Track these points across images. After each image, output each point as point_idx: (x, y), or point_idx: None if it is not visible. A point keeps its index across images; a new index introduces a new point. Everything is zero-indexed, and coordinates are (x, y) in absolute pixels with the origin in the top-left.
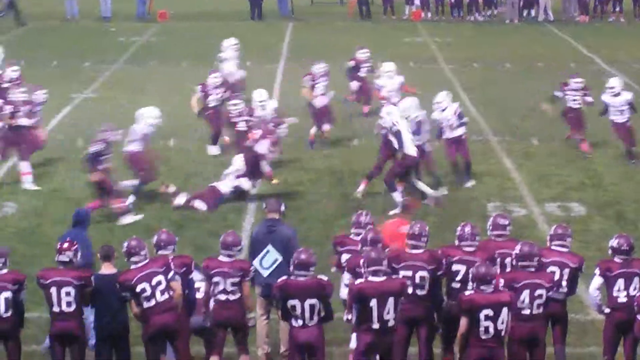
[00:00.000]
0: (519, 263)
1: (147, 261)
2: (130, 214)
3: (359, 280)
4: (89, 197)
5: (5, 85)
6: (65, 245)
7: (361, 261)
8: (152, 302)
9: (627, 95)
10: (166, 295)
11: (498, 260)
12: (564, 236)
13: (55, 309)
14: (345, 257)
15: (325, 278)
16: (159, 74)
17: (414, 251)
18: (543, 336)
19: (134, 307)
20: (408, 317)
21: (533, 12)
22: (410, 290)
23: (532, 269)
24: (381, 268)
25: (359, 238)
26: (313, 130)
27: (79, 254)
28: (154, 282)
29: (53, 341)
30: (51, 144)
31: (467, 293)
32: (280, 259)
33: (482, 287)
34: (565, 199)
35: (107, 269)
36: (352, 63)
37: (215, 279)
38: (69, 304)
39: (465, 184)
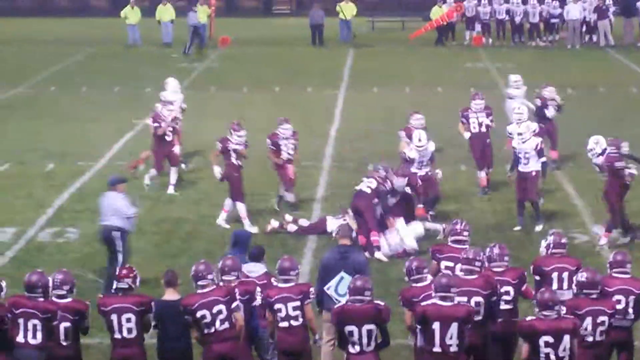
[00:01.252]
0: (583, 290)
1: (212, 288)
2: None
3: (424, 303)
4: (151, 223)
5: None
6: (124, 272)
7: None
8: (212, 330)
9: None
10: (226, 325)
11: (556, 274)
12: (623, 262)
13: (117, 335)
14: (444, 264)
15: (382, 303)
16: (220, 99)
17: (469, 277)
18: None
19: (194, 332)
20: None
21: (595, 38)
22: None
23: (595, 296)
24: (449, 294)
25: (457, 246)
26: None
27: (138, 280)
28: (214, 310)
29: None
30: (113, 170)
31: (528, 318)
32: (348, 278)
33: (544, 313)
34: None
35: (170, 294)
36: (537, 102)
37: (277, 306)
38: (129, 330)
39: (535, 226)
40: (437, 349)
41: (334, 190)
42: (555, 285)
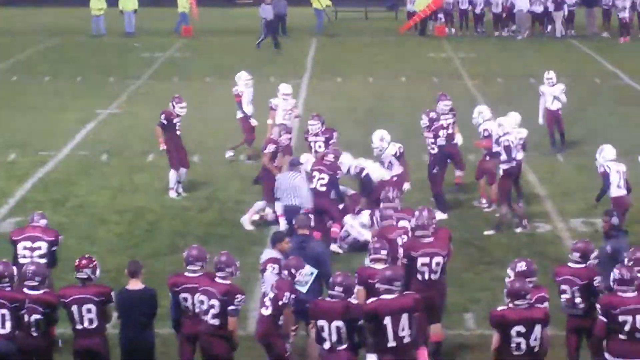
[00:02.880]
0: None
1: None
2: None
3: (370, 300)
4: (113, 212)
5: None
6: (84, 262)
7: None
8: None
9: (561, 86)
10: (216, 321)
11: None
12: (579, 249)
13: (78, 326)
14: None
15: (354, 301)
16: (183, 89)
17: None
18: None
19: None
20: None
21: (549, 28)
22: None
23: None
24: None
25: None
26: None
27: (98, 271)
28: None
29: (76, 358)
30: (75, 160)
31: (499, 308)
32: (315, 272)
33: (516, 303)
34: (590, 215)
35: (134, 284)
36: None
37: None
38: (90, 321)
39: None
40: (391, 343)
41: None
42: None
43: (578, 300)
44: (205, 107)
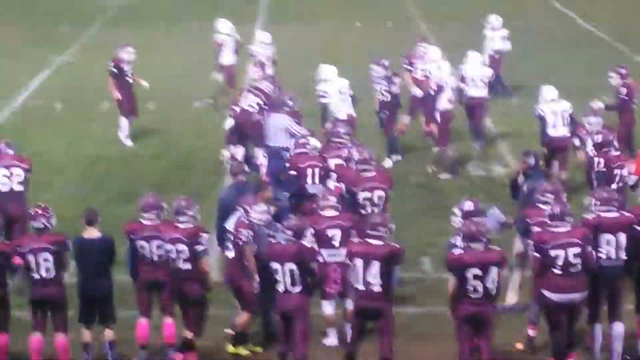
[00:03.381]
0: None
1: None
2: None
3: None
4: (67, 161)
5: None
6: (39, 211)
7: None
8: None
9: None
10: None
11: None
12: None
13: (35, 275)
14: None
15: (308, 245)
16: (136, 37)
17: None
18: None
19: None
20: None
21: None
22: None
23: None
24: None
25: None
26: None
27: (54, 219)
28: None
29: (34, 307)
30: (29, 109)
31: (455, 251)
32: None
33: (471, 245)
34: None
35: (90, 232)
36: None
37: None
38: (47, 269)
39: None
40: (360, 286)
41: None
42: None
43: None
44: (159, 53)
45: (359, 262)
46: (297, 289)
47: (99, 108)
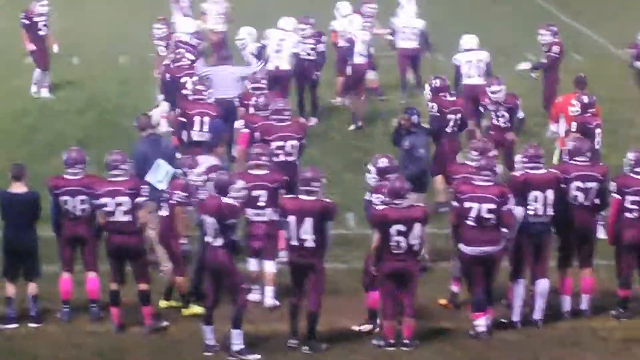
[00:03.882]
0: None
1: (122, 179)
2: None
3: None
4: None
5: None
6: None
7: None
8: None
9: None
10: (129, 217)
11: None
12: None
13: None
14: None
15: (233, 202)
16: None
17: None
18: None
19: (100, 217)
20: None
21: None
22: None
23: None
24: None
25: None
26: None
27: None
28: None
29: None
30: None
31: (379, 207)
32: (172, 170)
33: (395, 202)
34: None
35: (17, 187)
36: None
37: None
38: None
39: None
40: (294, 242)
41: None
42: None
43: None
44: (84, 7)
45: (292, 218)
46: (218, 243)
47: (22, 62)
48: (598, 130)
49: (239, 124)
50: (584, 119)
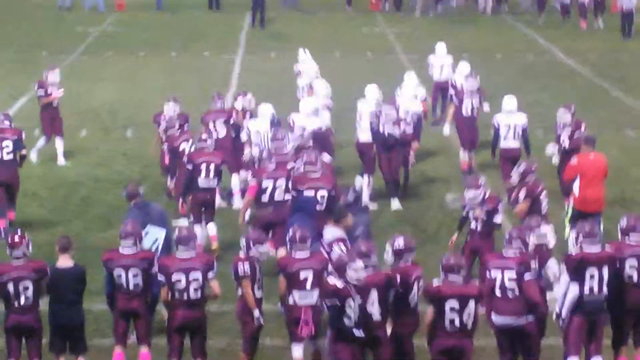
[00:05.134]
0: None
1: (192, 255)
2: None
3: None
4: (45, 187)
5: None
6: (17, 239)
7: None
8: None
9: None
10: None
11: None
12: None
13: (14, 303)
14: None
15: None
16: (116, 63)
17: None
18: None
19: (164, 292)
20: None
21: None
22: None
23: None
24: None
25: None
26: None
27: (30, 245)
28: (191, 277)
29: (9, 335)
30: None
31: (434, 283)
32: (162, 234)
33: (449, 278)
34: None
35: (64, 261)
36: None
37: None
38: (27, 298)
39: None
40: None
41: None
42: None
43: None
44: (138, 81)
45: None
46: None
47: (79, 134)
48: None
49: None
50: None
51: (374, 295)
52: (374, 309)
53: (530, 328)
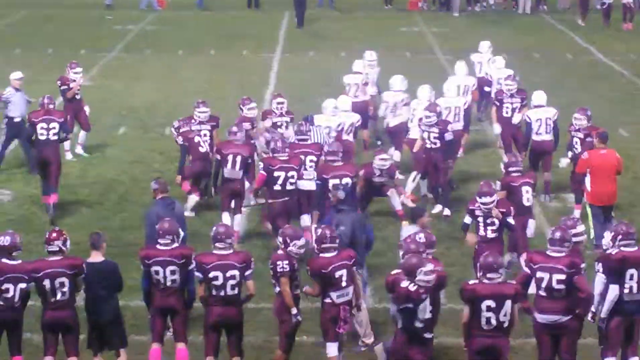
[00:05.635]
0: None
1: (230, 252)
2: None
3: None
4: (83, 185)
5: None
6: (54, 235)
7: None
8: (221, 293)
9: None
10: (236, 290)
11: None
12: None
13: (51, 299)
14: None
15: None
16: (155, 62)
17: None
18: None
19: (201, 290)
20: None
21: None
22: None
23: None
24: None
25: None
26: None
27: (68, 242)
28: (228, 274)
29: (46, 331)
30: None
31: (470, 282)
32: (183, 233)
33: (488, 276)
34: (560, 191)
35: (95, 257)
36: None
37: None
38: (63, 293)
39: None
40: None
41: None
42: None
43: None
44: (177, 79)
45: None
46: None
47: (117, 131)
48: None
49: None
50: None
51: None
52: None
53: (573, 325)
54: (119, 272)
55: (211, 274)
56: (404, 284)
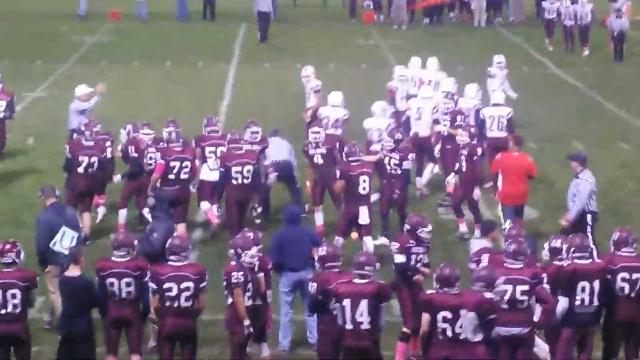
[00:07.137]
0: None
1: (184, 263)
2: None
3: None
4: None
5: None
6: (8, 246)
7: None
8: (175, 304)
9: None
10: (189, 302)
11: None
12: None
13: (1, 311)
14: None
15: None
16: (110, 73)
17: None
18: None
19: (154, 301)
20: None
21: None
22: None
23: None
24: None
25: None
26: None
27: (22, 255)
28: (182, 285)
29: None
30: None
31: (428, 292)
32: (76, 235)
33: (445, 289)
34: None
35: (72, 271)
36: None
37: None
38: (15, 306)
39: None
40: (349, 326)
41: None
42: None
43: None
44: (133, 91)
45: (347, 302)
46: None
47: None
48: None
49: None
50: None
51: (363, 304)
52: (363, 319)
53: (531, 337)
54: (93, 288)
55: (165, 285)
56: (488, 295)
